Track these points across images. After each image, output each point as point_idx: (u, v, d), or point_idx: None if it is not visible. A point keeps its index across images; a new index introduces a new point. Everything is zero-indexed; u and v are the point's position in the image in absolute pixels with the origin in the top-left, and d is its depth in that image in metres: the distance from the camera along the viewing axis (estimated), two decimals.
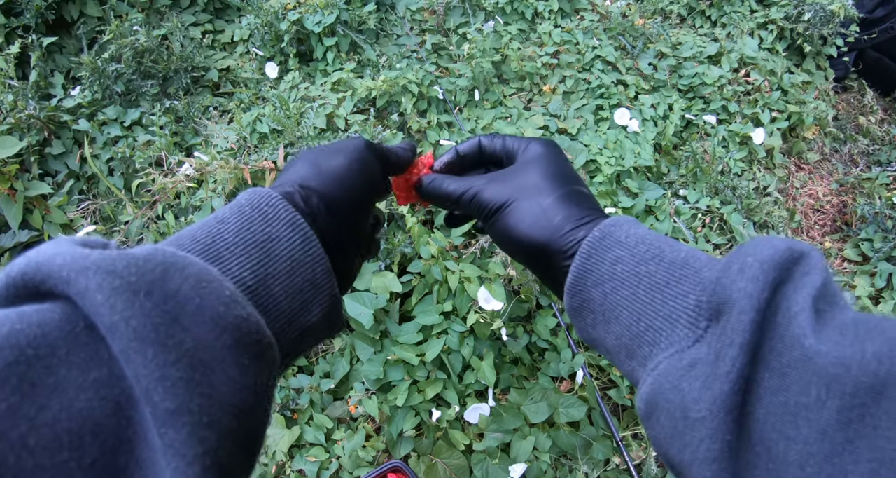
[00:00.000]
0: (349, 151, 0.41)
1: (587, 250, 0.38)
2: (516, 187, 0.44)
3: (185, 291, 0.25)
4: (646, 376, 0.33)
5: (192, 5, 2.58)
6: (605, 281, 0.37)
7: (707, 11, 2.57)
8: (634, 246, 0.36)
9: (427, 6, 2.30)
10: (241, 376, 0.26)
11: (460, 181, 0.47)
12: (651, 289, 0.34)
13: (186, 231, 0.31)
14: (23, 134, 2.15)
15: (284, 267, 0.32)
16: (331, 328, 0.37)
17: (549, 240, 0.41)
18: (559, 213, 0.41)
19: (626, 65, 2.25)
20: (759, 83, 2.23)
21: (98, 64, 2.21)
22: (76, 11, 2.49)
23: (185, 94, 2.31)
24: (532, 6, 2.35)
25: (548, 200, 0.42)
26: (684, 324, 0.32)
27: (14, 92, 2.22)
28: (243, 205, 0.33)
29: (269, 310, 0.31)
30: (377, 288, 1.44)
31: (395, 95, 1.85)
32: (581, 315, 0.40)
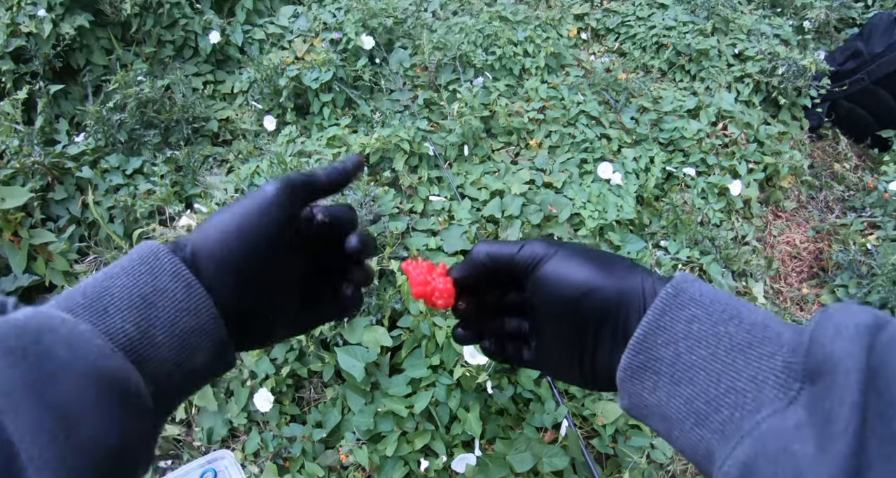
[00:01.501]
0: (247, 200, 0.40)
1: (661, 306, 0.36)
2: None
3: (56, 350, 0.28)
4: (739, 439, 0.31)
5: (194, 56, 2.69)
6: (680, 340, 0.35)
7: (686, 66, 2.70)
8: (710, 305, 0.35)
9: (419, 63, 2.42)
10: (108, 423, 0.28)
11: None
12: (732, 350, 0.33)
13: (80, 286, 0.33)
14: (27, 179, 2.23)
15: (168, 316, 0.33)
16: (221, 368, 0.38)
17: (619, 288, 0.39)
18: (620, 262, 0.41)
19: (610, 119, 2.36)
20: (736, 136, 2.35)
21: (102, 113, 2.31)
22: (83, 59, 2.61)
23: (185, 144, 2.40)
24: (520, 63, 2.48)
25: (600, 253, 0.42)
26: (773, 385, 0.31)
27: (20, 137, 2.31)
28: (133, 259, 0.35)
29: (150, 359, 0.32)
30: (368, 342, 1.51)
31: (388, 152, 1.94)
32: (640, 377, 0.37)
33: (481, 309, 0.48)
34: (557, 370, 0.45)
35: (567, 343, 0.42)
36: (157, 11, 2.57)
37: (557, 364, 0.45)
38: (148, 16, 2.58)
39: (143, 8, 2.55)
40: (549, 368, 0.46)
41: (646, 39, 2.80)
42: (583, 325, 0.40)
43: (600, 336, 0.40)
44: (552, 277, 0.41)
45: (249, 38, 2.64)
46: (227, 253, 0.38)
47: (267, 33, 2.65)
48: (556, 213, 1.92)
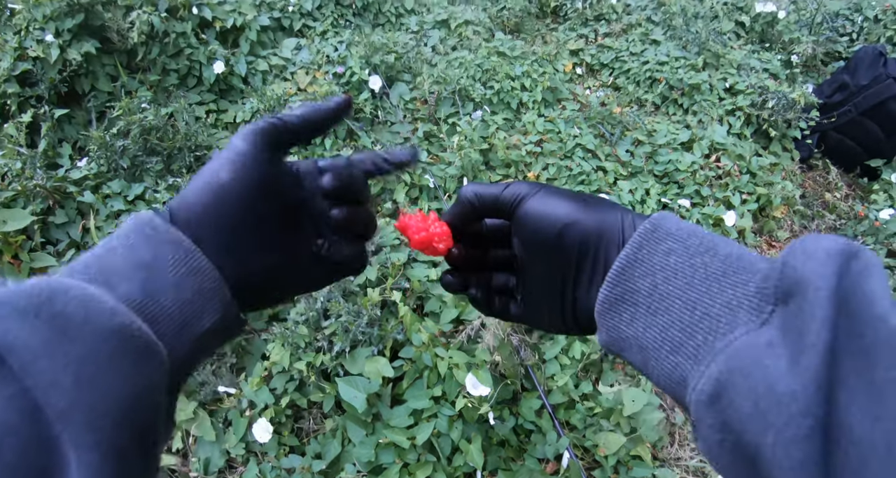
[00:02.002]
0: (217, 160, 0.39)
1: (639, 240, 0.37)
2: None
3: (69, 308, 0.28)
4: (712, 357, 0.31)
5: (197, 85, 2.74)
6: (657, 271, 0.35)
7: (679, 100, 2.77)
8: (687, 238, 0.36)
9: (419, 96, 2.48)
10: (127, 375, 0.29)
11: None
12: (707, 279, 0.33)
13: (79, 261, 0.34)
14: (28, 202, 2.24)
15: (171, 281, 0.34)
16: (231, 331, 0.39)
17: (599, 222, 0.39)
18: (600, 201, 0.41)
19: (605, 151, 2.41)
20: (730, 168, 2.40)
21: (106, 138, 2.34)
22: (88, 85, 2.64)
23: (187, 172, 2.43)
24: (517, 97, 2.54)
25: (580, 192, 0.43)
26: (746, 309, 0.31)
27: (22, 159, 2.33)
28: (129, 232, 0.35)
29: (159, 320, 0.33)
30: (370, 373, 1.52)
31: (389, 183, 1.98)
32: (618, 309, 0.37)
33: (470, 261, 0.48)
34: (542, 317, 0.45)
35: (549, 281, 0.43)
36: (163, 40, 2.62)
37: (543, 309, 0.45)
38: (154, 44, 2.63)
39: (149, 37, 2.60)
40: (534, 316, 0.46)
41: (639, 74, 2.88)
42: (564, 258, 0.41)
43: (581, 270, 0.40)
44: (534, 212, 0.42)
45: (253, 68, 2.69)
46: (210, 218, 0.37)
47: (270, 65, 2.70)
48: None
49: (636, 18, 3.27)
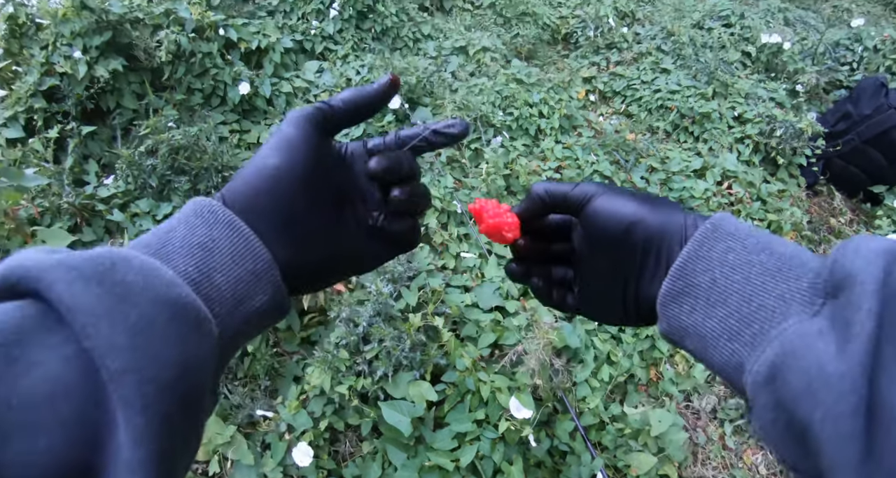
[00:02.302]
0: (267, 147, 0.40)
1: (700, 238, 0.39)
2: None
3: (130, 277, 0.30)
4: (767, 343, 0.34)
5: (221, 105, 2.78)
6: (716, 267, 0.38)
7: (690, 128, 2.87)
8: (745, 238, 0.38)
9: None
10: (180, 342, 0.30)
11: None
12: (763, 275, 0.36)
13: (139, 240, 0.35)
14: (55, 218, 2.26)
15: (226, 262, 0.36)
16: (278, 313, 0.40)
17: (663, 221, 0.42)
18: (664, 201, 0.44)
19: (621, 178, 2.49)
20: (741, 195, 2.49)
21: (135, 157, 2.36)
22: (114, 102, 2.66)
23: (214, 191, 2.46)
24: (535, 123, 2.61)
25: (645, 192, 0.46)
26: (799, 302, 0.34)
27: (49, 175, 2.35)
28: (189, 215, 0.37)
29: (212, 298, 0.34)
30: (414, 396, 1.56)
31: None
32: (678, 300, 0.40)
33: (533, 253, 0.51)
34: (600, 308, 0.48)
35: (612, 275, 0.45)
36: (190, 60, 2.66)
37: (601, 301, 0.47)
38: (180, 64, 2.67)
39: (175, 56, 2.64)
40: (592, 307, 0.49)
41: (651, 102, 2.98)
42: (629, 254, 0.43)
43: (644, 265, 0.43)
44: (602, 210, 0.44)
45: (277, 90, 2.74)
46: (262, 203, 0.38)
47: (294, 87, 2.75)
48: None
49: (646, 47, 3.37)
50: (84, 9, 2.39)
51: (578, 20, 3.68)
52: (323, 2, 3.03)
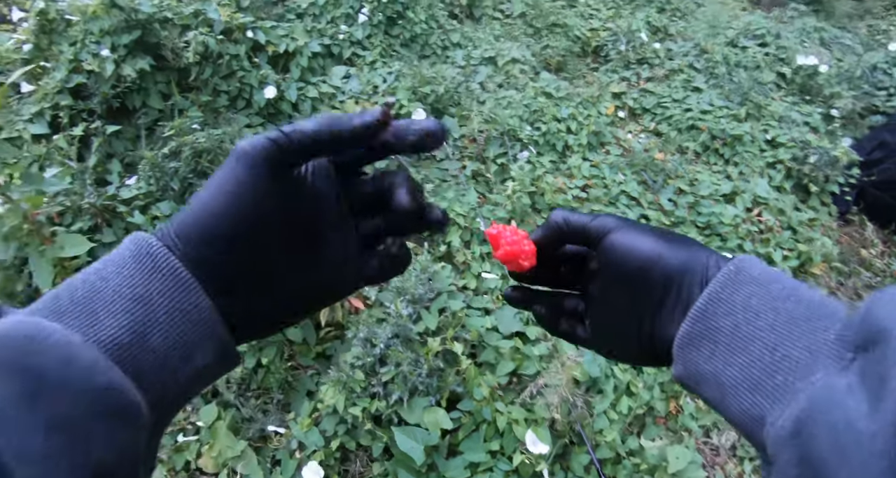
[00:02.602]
0: (220, 177, 0.35)
1: (722, 280, 0.38)
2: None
3: (46, 364, 0.27)
4: (792, 396, 0.33)
5: (247, 107, 2.76)
6: (738, 311, 0.37)
7: (721, 150, 2.80)
8: (769, 283, 0.37)
9: (468, 134, 2.50)
10: (104, 440, 0.27)
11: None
12: (788, 322, 0.35)
13: (67, 286, 0.32)
14: (76, 218, 2.25)
15: (164, 318, 0.32)
16: (225, 368, 0.36)
17: (684, 260, 0.41)
18: (685, 239, 0.43)
19: (648, 199, 2.43)
20: (771, 223, 2.42)
21: (157, 159, 2.35)
22: (139, 101, 2.66)
23: None
24: (563, 139, 2.56)
25: (666, 229, 0.44)
26: (826, 354, 0.33)
27: (72, 174, 2.35)
28: (126, 257, 0.33)
29: (144, 367, 0.31)
30: (428, 423, 1.53)
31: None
32: (697, 345, 0.38)
33: (540, 280, 0.49)
34: (613, 344, 0.46)
35: (628, 312, 0.43)
36: (217, 62, 2.65)
37: (615, 337, 0.46)
38: (207, 65, 2.65)
39: (203, 57, 2.63)
40: (605, 342, 0.47)
41: (682, 121, 2.91)
42: (647, 291, 0.42)
43: (662, 304, 0.41)
44: (620, 245, 0.42)
45: (303, 95, 2.72)
46: (209, 250, 0.34)
47: (320, 92, 2.73)
48: None
49: (678, 64, 3.30)
50: (113, 7, 2.38)
51: (609, 33, 3.62)
52: (353, 6, 3.00)
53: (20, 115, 2.49)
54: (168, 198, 2.39)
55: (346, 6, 3.01)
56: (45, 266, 1.70)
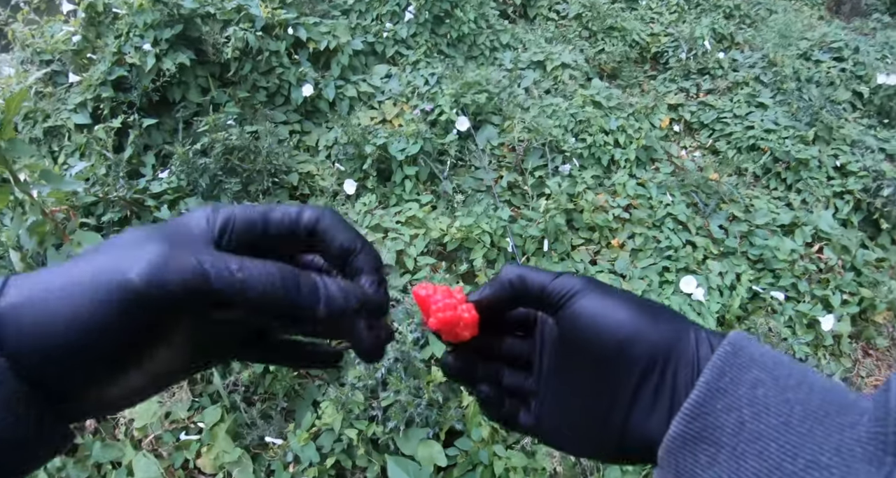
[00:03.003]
0: (84, 284, 0.28)
1: (720, 365, 0.32)
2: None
3: None
4: None
5: (284, 104, 2.73)
6: (744, 405, 0.31)
7: (783, 174, 2.57)
8: (774, 368, 0.31)
9: (507, 142, 2.38)
10: None
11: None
12: (807, 418, 0.29)
13: None
14: (106, 208, 2.28)
15: None
16: (46, 458, 0.29)
17: (669, 337, 0.34)
18: (664, 309, 0.35)
19: (697, 224, 2.25)
20: (833, 263, 2.19)
21: (189, 155, 2.35)
22: (179, 95, 2.67)
23: (263, 195, 2.41)
24: (609, 153, 2.40)
25: (641, 297, 0.36)
26: (861, 458, 0.28)
27: (107, 165, 2.38)
28: None
29: None
30: (422, 458, 1.44)
31: (467, 241, 1.89)
32: (693, 448, 0.31)
33: (481, 348, 0.40)
34: (567, 436, 0.38)
35: (593, 397, 0.36)
36: (256, 58, 2.62)
37: (570, 427, 0.38)
38: (246, 61, 2.63)
39: (243, 53, 2.61)
40: (556, 432, 0.38)
41: (742, 140, 2.69)
42: (621, 374, 0.34)
43: (640, 391, 0.34)
44: (588, 314, 0.35)
45: (341, 93, 2.66)
46: (52, 364, 0.27)
47: (359, 91, 2.66)
48: None
49: (743, 76, 3.06)
50: (158, 1, 2.38)
51: (671, 39, 3.40)
52: (399, 3, 2.91)
53: (66, 105, 2.54)
54: (197, 194, 2.38)
55: (393, 3, 2.92)
56: (61, 262, 1.69)
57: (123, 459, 1.73)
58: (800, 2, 4.47)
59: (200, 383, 1.84)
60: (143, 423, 1.74)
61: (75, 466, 1.72)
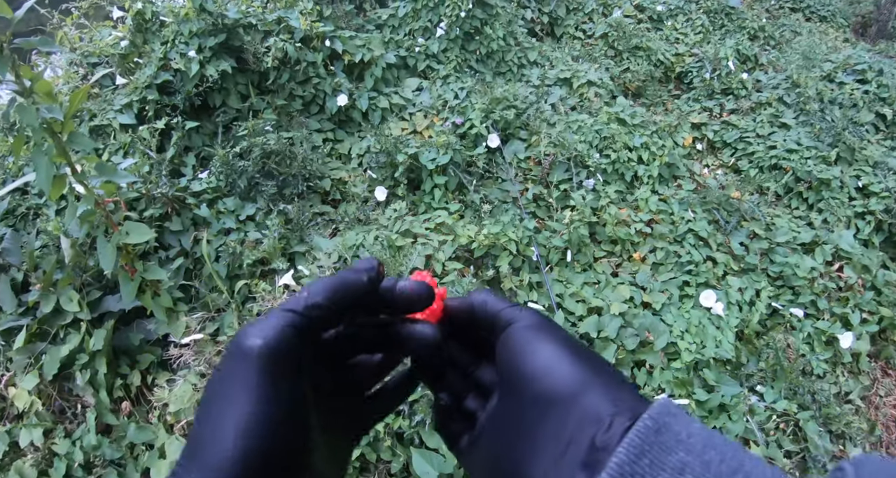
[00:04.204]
0: (224, 401, 0.29)
1: (638, 444, 0.27)
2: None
3: None
4: None
5: (319, 113, 2.84)
6: None
7: (805, 194, 2.61)
8: (703, 451, 0.27)
9: (534, 156, 2.46)
10: None
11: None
12: None
13: None
14: (149, 205, 2.38)
15: None
16: None
17: (581, 386, 0.31)
18: (593, 360, 0.33)
19: (718, 240, 2.30)
20: (853, 282, 2.23)
21: (228, 158, 2.45)
22: (219, 100, 2.79)
23: (297, 199, 2.51)
24: (633, 169, 2.46)
25: (573, 343, 0.34)
26: None
27: (150, 164, 2.49)
28: None
29: None
30: (448, 452, 1.49)
31: (493, 249, 1.96)
32: None
33: (455, 355, 0.41)
34: (475, 470, 0.37)
35: (503, 433, 0.34)
36: (294, 67, 2.73)
37: (481, 461, 0.36)
38: (285, 70, 2.74)
39: (282, 62, 2.72)
40: (471, 464, 0.37)
41: (764, 159, 2.74)
42: (526, 414, 0.32)
43: (542, 442, 0.31)
44: (522, 347, 0.34)
45: (374, 105, 2.76)
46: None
47: (391, 103, 2.76)
48: (653, 340, 1.87)
49: (767, 97, 3.11)
50: (203, 11, 2.51)
51: (695, 59, 3.47)
52: (431, 20, 3.02)
53: (112, 106, 2.66)
54: (234, 194, 2.48)
55: (425, 20, 3.03)
56: (110, 250, 1.80)
57: (156, 441, 1.81)
58: (825, 24, 4.51)
59: None
60: (178, 408, 1.81)
61: (110, 445, 1.81)
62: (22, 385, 1.83)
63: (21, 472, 1.71)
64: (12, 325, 1.90)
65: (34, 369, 1.86)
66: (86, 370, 1.85)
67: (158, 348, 2.00)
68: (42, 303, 1.92)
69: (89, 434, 1.76)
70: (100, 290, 2.07)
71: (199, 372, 1.83)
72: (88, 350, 1.87)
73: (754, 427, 1.80)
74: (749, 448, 1.81)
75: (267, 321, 0.31)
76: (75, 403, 1.92)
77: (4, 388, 1.88)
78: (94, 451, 1.77)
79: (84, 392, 1.87)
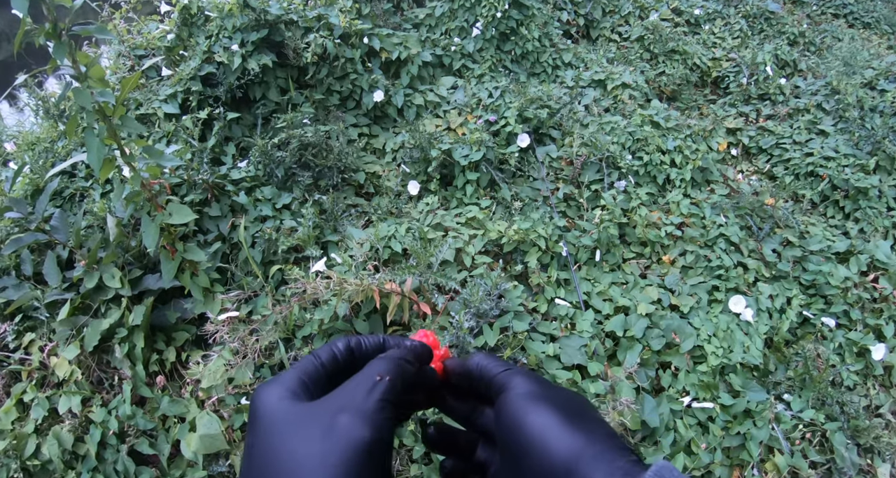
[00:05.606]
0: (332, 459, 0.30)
1: None
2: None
3: None
4: None
5: (356, 108, 2.89)
6: None
7: (841, 202, 2.57)
8: None
9: (565, 156, 2.47)
10: None
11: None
12: None
13: None
14: (190, 190, 2.46)
15: None
16: None
17: (576, 458, 0.31)
18: (589, 426, 0.33)
19: (749, 246, 2.28)
20: (888, 293, 2.19)
21: (267, 147, 2.53)
22: (259, 93, 2.86)
23: (332, 190, 2.56)
24: (665, 172, 2.46)
25: (568, 408, 0.35)
26: None
27: (192, 151, 2.58)
28: None
29: None
30: None
31: (523, 245, 1.98)
32: None
33: (459, 415, 0.44)
34: None
35: None
36: (333, 63, 2.79)
37: None
38: (323, 65, 2.80)
39: (321, 58, 2.78)
40: None
41: (800, 166, 2.70)
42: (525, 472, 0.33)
43: None
44: (517, 412, 0.35)
45: (409, 101, 2.80)
46: None
47: (426, 100, 2.80)
48: (679, 342, 1.86)
49: (805, 103, 3.07)
50: (246, 7, 2.58)
51: (732, 64, 3.43)
52: (467, 20, 3.05)
53: (157, 96, 2.76)
54: (272, 183, 2.55)
55: (461, 19, 3.06)
56: (154, 230, 1.87)
57: (188, 415, 1.87)
58: (869, 31, 4.42)
59: (263, 354, 1.97)
60: (209, 384, 1.87)
61: (144, 416, 1.88)
62: (63, 355, 1.91)
63: (58, 436, 1.80)
64: (57, 298, 1.99)
65: (76, 341, 1.94)
66: (124, 344, 1.93)
67: (193, 327, 2.07)
68: (86, 279, 2.00)
69: (125, 405, 1.83)
70: (140, 269, 2.15)
71: (233, 349, 1.89)
72: (128, 325, 1.94)
73: (779, 435, 1.79)
74: (773, 456, 1.80)
75: (366, 405, 0.32)
76: (113, 374, 2.00)
77: (47, 357, 1.97)
78: (128, 420, 1.84)
79: (121, 365, 1.94)
